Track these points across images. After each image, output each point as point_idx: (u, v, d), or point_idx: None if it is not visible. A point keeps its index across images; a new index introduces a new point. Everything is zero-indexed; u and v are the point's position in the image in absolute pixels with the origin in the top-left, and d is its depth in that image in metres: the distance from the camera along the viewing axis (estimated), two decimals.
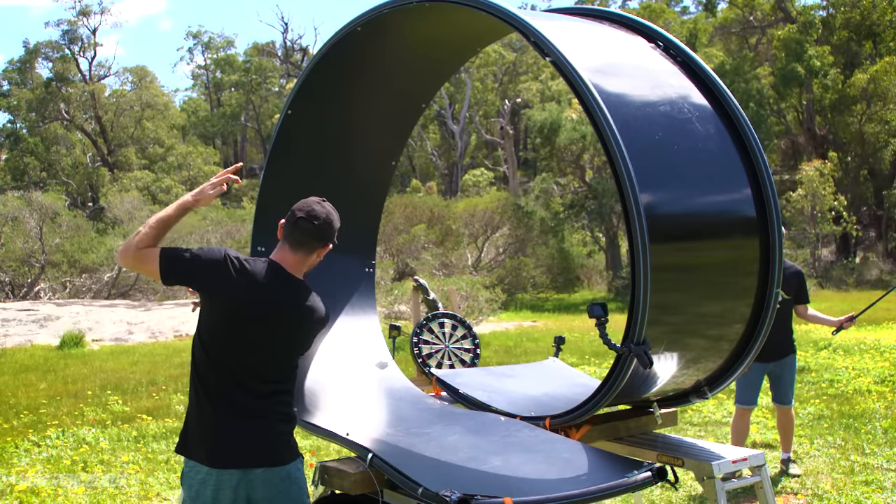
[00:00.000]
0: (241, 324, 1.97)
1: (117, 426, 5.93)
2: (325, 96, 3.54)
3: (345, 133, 3.74)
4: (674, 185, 2.53)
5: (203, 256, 1.97)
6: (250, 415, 1.96)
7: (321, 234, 2.06)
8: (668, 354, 2.58)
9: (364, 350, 3.75)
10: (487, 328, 12.97)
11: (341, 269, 3.89)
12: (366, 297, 3.95)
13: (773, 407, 4.69)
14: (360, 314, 3.88)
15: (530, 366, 4.14)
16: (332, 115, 3.64)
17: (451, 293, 5.05)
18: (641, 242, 2.32)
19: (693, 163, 2.59)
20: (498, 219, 21.03)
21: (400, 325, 4.02)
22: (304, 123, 3.53)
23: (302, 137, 3.57)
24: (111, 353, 10.08)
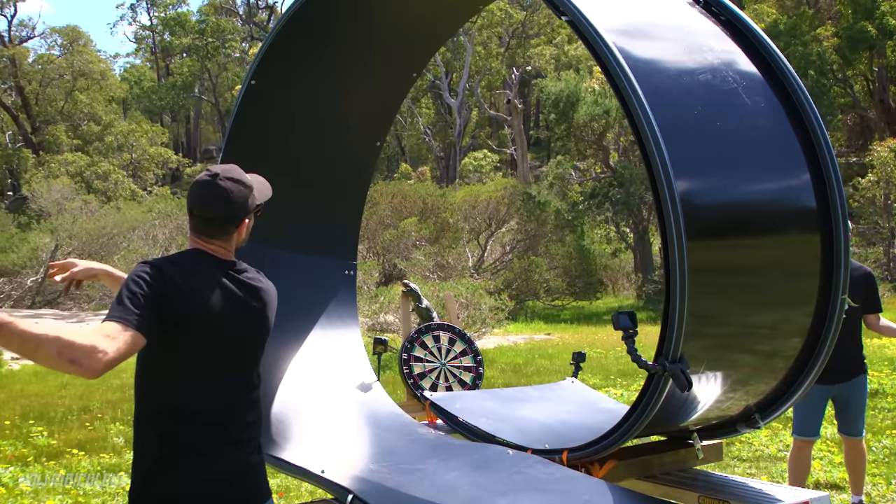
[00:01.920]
0: (217, 340, 2.01)
1: (41, 463, 5.88)
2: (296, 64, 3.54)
3: (320, 108, 3.75)
4: (716, 169, 2.53)
5: (153, 284, 1.92)
6: (231, 444, 2.00)
7: (215, 219, 2.06)
8: (711, 374, 2.58)
9: (343, 369, 3.77)
10: (492, 342, 13.00)
11: (316, 271, 3.91)
12: (345, 306, 3.98)
13: (840, 439, 4.64)
14: (339, 326, 3.90)
15: (544, 388, 4.14)
16: (303, 86, 3.64)
17: (448, 300, 5.05)
18: (677, 239, 2.32)
19: (739, 143, 2.59)
20: (504, 211, 21.08)
21: (386, 338, 4.04)
22: (270, 97, 3.52)
23: (268, 113, 3.57)
24: (35, 374, 9.94)
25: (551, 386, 4.12)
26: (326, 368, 3.72)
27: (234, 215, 2.06)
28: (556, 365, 10.40)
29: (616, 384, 8.70)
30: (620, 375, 9.27)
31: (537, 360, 10.99)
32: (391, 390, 7.85)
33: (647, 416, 2.54)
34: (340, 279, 4.02)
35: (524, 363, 10.70)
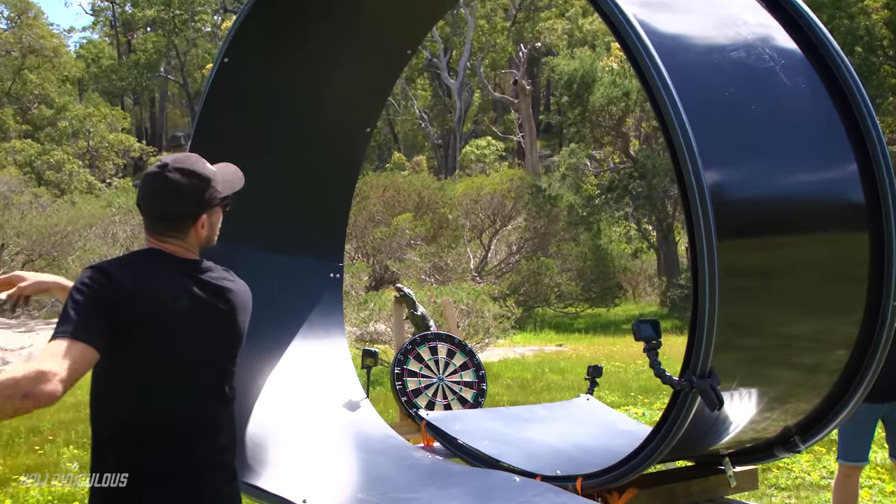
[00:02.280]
0: (176, 347, 2.00)
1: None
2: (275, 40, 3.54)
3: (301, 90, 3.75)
4: (750, 159, 2.53)
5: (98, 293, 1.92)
6: (201, 469, 2.00)
7: (165, 216, 2.06)
8: (745, 391, 2.58)
9: (328, 385, 3.79)
10: (496, 355, 13.02)
11: (297, 274, 3.93)
12: (330, 313, 3.99)
13: (892, 465, 4.66)
14: (323, 336, 3.92)
15: (555, 406, 4.15)
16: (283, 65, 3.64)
17: (447, 307, 5.06)
18: (706, 237, 2.32)
19: (776, 128, 2.59)
20: (510, 206, 21.08)
21: (377, 350, 4.05)
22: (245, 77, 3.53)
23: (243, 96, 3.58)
24: None
25: (563, 404, 4.13)
26: (309, 384, 3.72)
27: (186, 211, 2.06)
28: (569, 380, 10.41)
29: (637, 402, 8.72)
30: (642, 392, 9.29)
31: (547, 375, 11.00)
32: (382, 409, 7.86)
33: (672, 438, 2.54)
34: (325, 283, 4.03)
35: (533, 378, 10.71)
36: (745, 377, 2.55)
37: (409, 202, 20.56)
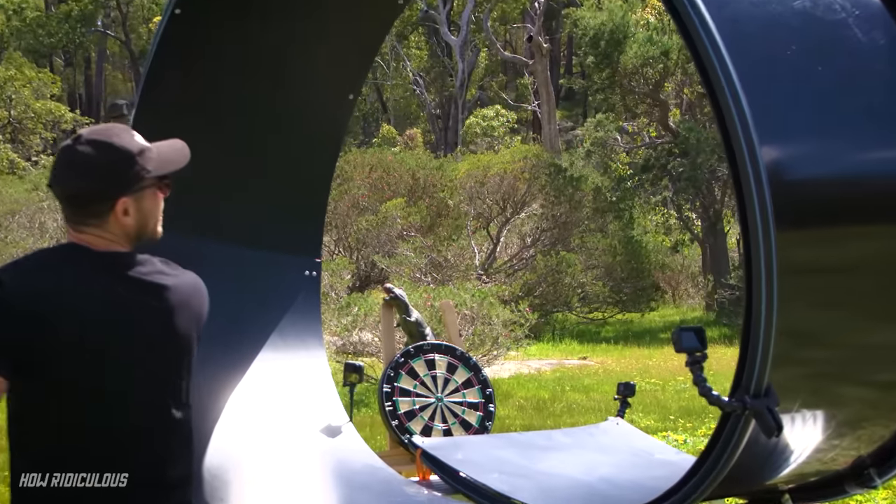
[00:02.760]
0: (94, 359, 1.99)
1: None
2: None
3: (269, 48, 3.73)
4: (817, 132, 2.53)
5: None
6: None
7: (75, 197, 2.06)
8: (809, 413, 2.58)
9: (302, 406, 3.80)
10: (507, 370, 13.05)
11: (265, 272, 3.94)
12: (306, 319, 4.01)
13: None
14: (298, 346, 3.94)
15: (578, 431, 4.16)
16: (247, 17, 3.62)
17: (447, 312, 5.06)
18: (763, 228, 2.32)
19: (849, 94, 2.59)
20: (524, 189, 21.10)
21: (362, 364, 4.06)
22: (201, 32, 3.51)
23: (197, 56, 3.56)
24: None
25: (589, 429, 4.14)
26: (279, 405, 3.73)
27: (99, 191, 2.04)
28: (595, 400, 10.44)
29: (677, 427, 8.74)
30: (683, 415, 9.33)
31: (569, 395, 11.03)
32: (368, 435, 7.87)
33: (720, 470, 2.54)
34: (299, 283, 4.04)
35: (551, 398, 10.74)
36: (809, 396, 2.56)
37: (401, 185, 20.58)
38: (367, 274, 19.03)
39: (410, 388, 4.20)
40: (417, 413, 4.14)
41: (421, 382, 4.24)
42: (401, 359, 4.26)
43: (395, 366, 4.22)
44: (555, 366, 14.06)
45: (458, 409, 4.22)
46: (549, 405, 10.29)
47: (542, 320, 17.94)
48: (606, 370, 13.35)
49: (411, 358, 4.29)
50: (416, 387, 4.21)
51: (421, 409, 4.16)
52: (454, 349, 4.42)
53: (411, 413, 4.12)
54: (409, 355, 4.30)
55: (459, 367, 4.36)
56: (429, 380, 4.26)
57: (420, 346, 4.37)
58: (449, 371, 4.33)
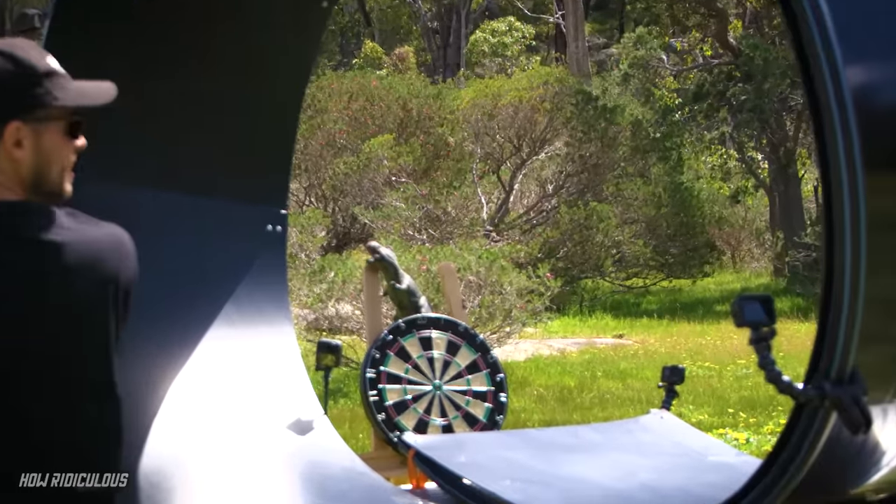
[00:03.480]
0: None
1: None
2: None
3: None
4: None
5: None
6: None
7: None
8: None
9: (265, 395, 3.83)
10: (523, 350, 13.11)
11: (218, 227, 3.97)
12: (269, 287, 4.03)
13: None
14: (258, 322, 3.96)
15: (613, 427, 4.19)
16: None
17: (447, 277, 5.06)
18: (847, 171, 2.31)
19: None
20: (544, 124, 21.04)
21: (339, 343, 4.07)
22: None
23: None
24: None
25: (626, 424, 4.17)
26: (237, 395, 3.75)
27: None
28: (634, 389, 10.51)
29: (737, 422, 8.80)
30: (745, 408, 9.38)
31: (601, 382, 11.10)
32: (347, 433, 7.90)
33: (792, 476, 2.54)
34: (259, 240, 4.05)
35: (578, 386, 10.80)
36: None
37: (389, 118, 20.49)
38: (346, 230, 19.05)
39: (401, 373, 4.22)
40: (410, 405, 4.17)
41: (414, 366, 4.26)
42: (389, 336, 4.27)
43: (382, 345, 4.23)
44: (583, 346, 14.12)
45: (460, 400, 4.24)
46: (576, 395, 10.35)
47: (566, 289, 17.93)
48: (648, 351, 13.42)
49: (402, 335, 4.30)
50: (407, 371, 4.23)
51: (414, 400, 4.18)
52: (456, 324, 4.43)
53: (402, 405, 4.14)
54: (400, 332, 4.31)
55: (463, 347, 4.37)
56: (424, 363, 4.28)
57: (413, 320, 4.38)
58: (449, 352, 4.34)
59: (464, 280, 11.38)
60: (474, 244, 14.01)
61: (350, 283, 11.21)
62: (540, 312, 12.46)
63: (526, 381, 10.91)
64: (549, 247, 18.87)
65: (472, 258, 11.97)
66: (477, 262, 11.92)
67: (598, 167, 21.12)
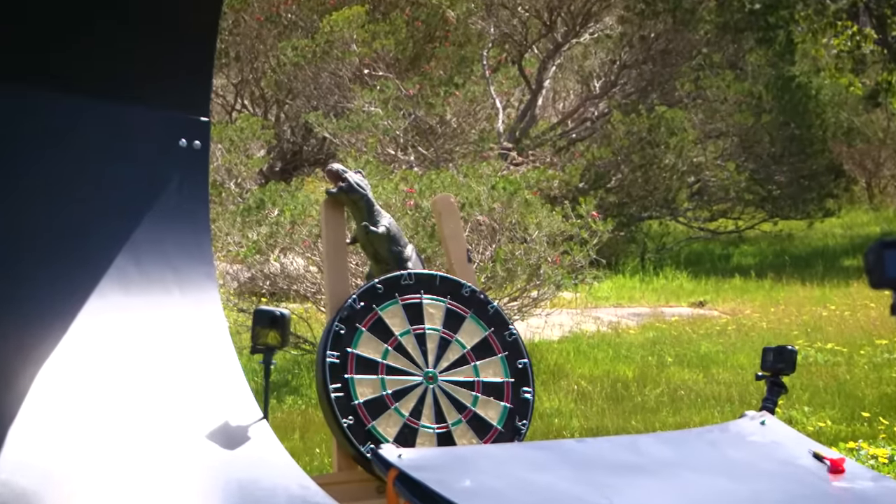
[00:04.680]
0: None
1: None
2: None
3: None
4: None
5: None
6: None
7: None
8: None
9: (176, 385, 3.86)
10: (558, 325, 13.13)
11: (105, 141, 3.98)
12: (181, 230, 4.07)
13: None
14: (166, 280, 3.99)
15: (689, 437, 4.20)
16: None
17: (446, 217, 5.04)
18: None
19: None
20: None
21: (286, 313, 4.07)
22: None
23: None
24: None
25: (708, 433, 4.19)
26: (135, 387, 3.76)
27: None
28: (721, 381, 10.53)
29: (876, 431, 8.78)
30: (888, 409, 9.33)
31: (672, 371, 11.11)
32: (298, 445, 7.87)
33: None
34: (167, 162, 4.07)
35: (639, 377, 10.81)
36: None
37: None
38: (297, 148, 19.02)
39: (377, 357, 4.23)
40: (390, 404, 4.18)
41: (397, 347, 4.28)
42: (359, 304, 4.28)
43: (350, 317, 4.25)
44: (646, 318, 14.14)
45: (465, 397, 4.26)
46: (636, 391, 10.36)
47: (621, 234, 17.91)
48: (742, 326, 13.42)
49: (378, 302, 4.31)
50: (386, 355, 4.24)
51: (397, 397, 4.20)
52: (459, 286, 4.44)
53: (378, 403, 4.16)
54: (375, 297, 4.32)
55: (468, 320, 4.39)
56: (411, 342, 4.29)
57: (395, 280, 4.38)
58: (449, 326, 4.36)
59: (470, 221, 11.37)
60: (485, 168, 13.93)
61: (302, 225, 11.19)
62: (582, 269, 12.42)
63: (561, 370, 10.92)
64: (595, 172, 18.85)
65: (483, 189, 11.93)
66: (489, 194, 11.88)
67: (667, 55, 21.04)
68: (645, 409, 9.62)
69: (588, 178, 18.35)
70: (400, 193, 11.07)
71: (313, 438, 8.01)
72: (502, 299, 11.03)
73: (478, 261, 11.04)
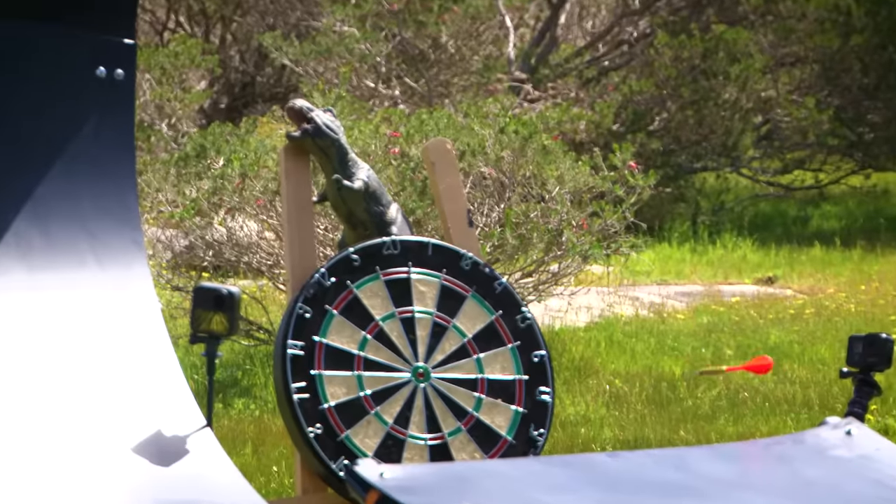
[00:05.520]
0: None
1: None
2: None
3: None
4: None
5: None
6: None
7: None
8: None
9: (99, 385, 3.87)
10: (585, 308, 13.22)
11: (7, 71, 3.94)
12: (102, 181, 4.09)
13: None
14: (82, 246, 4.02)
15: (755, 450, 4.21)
16: None
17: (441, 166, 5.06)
18: None
19: None
20: None
21: (235, 291, 4.09)
22: None
23: None
24: None
25: (780, 446, 4.21)
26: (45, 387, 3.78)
27: None
28: (795, 380, 10.54)
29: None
30: None
31: (732, 365, 11.08)
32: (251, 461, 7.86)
33: None
34: (83, 98, 4.09)
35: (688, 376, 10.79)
36: None
37: None
38: (248, 80, 19.02)
39: (353, 348, 4.25)
40: (370, 408, 4.20)
41: (378, 335, 4.30)
42: (329, 280, 4.30)
43: (317, 296, 4.27)
44: (698, 298, 14.16)
45: (465, 399, 4.28)
46: (686, 391, 10.40)
47: (667, 190, 17.91)
48: (823, 309, 13.44)
49: (354, 277, 4.33)
50: (364, 345, 4.27)
51: (377, 399, 4.22)
52: (457, 256, 4.46)
53: (354, 407, 4.18)
54: (350, 271, 4.34)
55: (469, 300, 4.42)
56: (396, 329, 4.32)
57: (375, 249, 4.40)
58: (444, 308, 4.38)
59: (472, 174, 11.38)
60: (492, 106, 13.95)
61: (256, 179, 11.20)
62: (616, 236, 12.41)
63: (589, 366, 10.93)
64: (633, 111, 18.88)
65: (489, 132, 11.95)
66: (497, 139, 11.89)
67: None
68: (697, 415, 9.65)
69: (624, 118, 18.37)
70: (382, 138, 11.07)
71: (270, 453, 8.03)
72: (513, 274, 11.05)
73: (482, 225, 11.05)
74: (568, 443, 8.33)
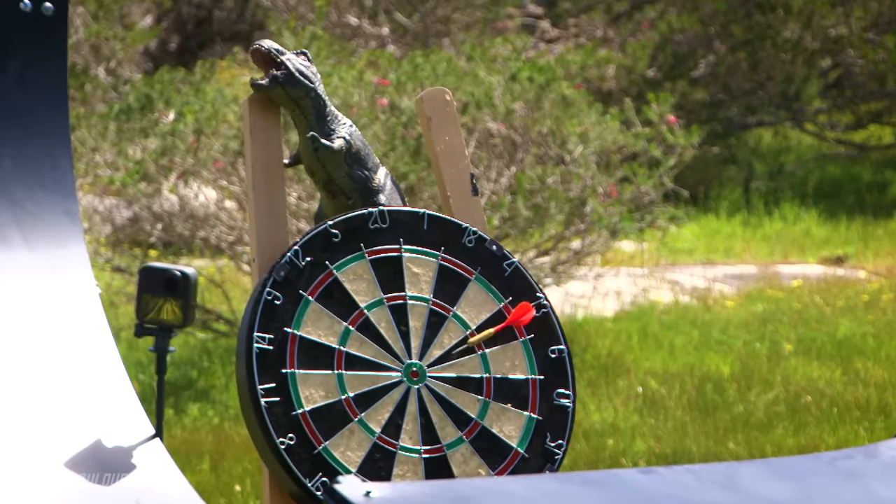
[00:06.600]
0: None
1: None
2: None
3: None
4: None
5: None
6: None
7: None
8: None
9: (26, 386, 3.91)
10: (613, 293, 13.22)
11: None
12: (29, 141, 4.12)
13: None
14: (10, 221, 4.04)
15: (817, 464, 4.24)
16: None
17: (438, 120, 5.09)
18: None
19: None
20: None
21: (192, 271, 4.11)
22: None
23: None
24: None
25: (849, 460, 4.23)
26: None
27: None
28: (867, 381, 10.58)
29: None
30: None
31: (790, 365, 11.17)
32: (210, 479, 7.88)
33: None
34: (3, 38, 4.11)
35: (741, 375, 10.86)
36: None
37: None
38: (203, 15, 19.05)
39: (332, 342, 4.28)
40: (353, 414, 4.23)
41: (362, 327, 4.32)
42: (303, 260, 4.34)
43: (289, 279, 4.30)
44: (752, 282, 14.22)
45: (467, 404, 4.31)
46: (736, 395, 10.45)
47: (714, 150, 17.94)
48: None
49: (334, 257, 4.37)
50: (346, 339, 4.29)
51: (362, 403, 4.25)
52: (459, 231, 4.49)
53: (334, 413, 4.22)
54: (329, 248, 4.37)
55: (474, 285, 4.46)
56: (384, 320, 4.34)
57: (359, 221, 4.43)
58: (443, 294, 4.43)
59: (477, 130, 11.42)
60: (501, 47, 13.98)
61: (214, 137, 11.23)
62: (652, 205, 12.45)
63: (619, 364, 11.00)
64: (673, 54, 18.91)
65: (497, 79, 11.97)
66: (507, 87, 11.92)
67: None
68: (749, 423, 9.70)
69: (662, 62, 18.41)
70: (367, 87, 11.10)
71: (232, 469, 8.09)
72: (527, 252, 11.10)
73: (489, 192, 11.09)
74: (593, 456, 8.39)
